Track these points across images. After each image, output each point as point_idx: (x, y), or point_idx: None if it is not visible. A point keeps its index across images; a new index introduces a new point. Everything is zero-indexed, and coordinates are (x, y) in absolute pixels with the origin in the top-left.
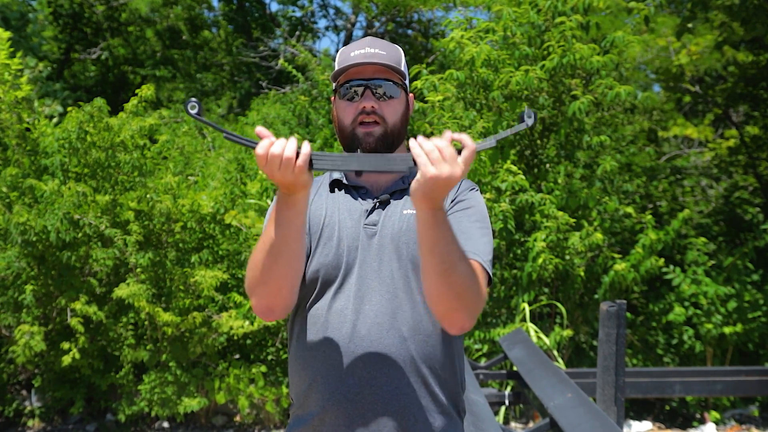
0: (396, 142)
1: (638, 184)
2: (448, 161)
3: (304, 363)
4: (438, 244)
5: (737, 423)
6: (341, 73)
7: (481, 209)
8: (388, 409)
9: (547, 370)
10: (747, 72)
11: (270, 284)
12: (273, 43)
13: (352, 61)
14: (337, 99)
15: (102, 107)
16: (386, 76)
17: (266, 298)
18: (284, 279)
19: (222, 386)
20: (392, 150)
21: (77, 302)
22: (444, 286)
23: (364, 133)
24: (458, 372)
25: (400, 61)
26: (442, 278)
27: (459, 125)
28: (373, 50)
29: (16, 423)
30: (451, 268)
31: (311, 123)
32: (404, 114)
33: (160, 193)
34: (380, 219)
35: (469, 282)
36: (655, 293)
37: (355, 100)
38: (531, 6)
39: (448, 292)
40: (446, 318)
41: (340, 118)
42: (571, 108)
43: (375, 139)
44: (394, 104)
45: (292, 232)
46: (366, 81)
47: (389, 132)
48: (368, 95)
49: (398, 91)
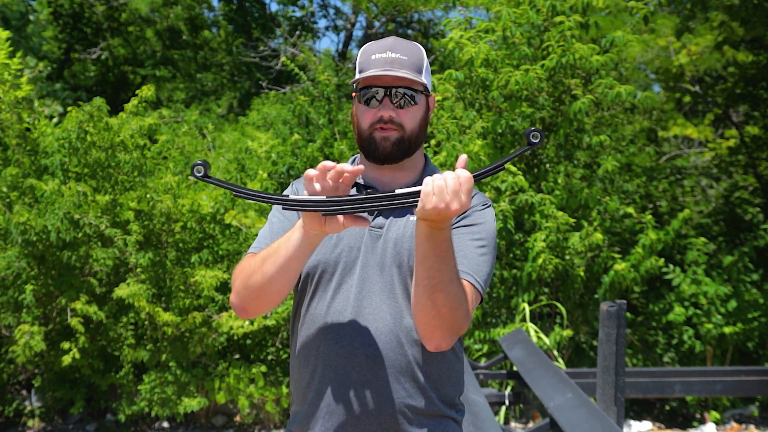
0: (413, 146)
1: (638, 184)
2: (450, 194)
3: (304, 361)
4: (429, 257)
5: (737, 423)
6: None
7: (488, 227)
8: (384, 412)
9: (547, 370)
10: (747, 72)
11: (255, 295)
12: (273, 43)
13: (373, 66)
14: (357, 102)
15: (101, 106)
16: (406, 84)
17: (246, 301)
18: (268, 296)
19: (222, 386)
20: (409, 154)
21: (77, 302)
22: (428, 300)
23: (381, 138)
24: (457, 375)
25: (421, 64)
26: (427, 292)
27: (459, 125)
28: (395, 55)
29: (16, 423)
30: (439, 285)
31: (311, 123)
32: (423, 118)
33: (160, 193)
34: (386, 222)
35: (454, 304)
36: (655, 293)
37: (374, 106)
38: (530, 6)
39: (431, 308)
40: (424, 333)
41: (359, 122)
42: (572, 108)
43: (391, 144)
44: (413, 111)
45: (299, 264)
46: (386, 87)
47: (406, 138)
48: (387, 103)
49: (418, 97)
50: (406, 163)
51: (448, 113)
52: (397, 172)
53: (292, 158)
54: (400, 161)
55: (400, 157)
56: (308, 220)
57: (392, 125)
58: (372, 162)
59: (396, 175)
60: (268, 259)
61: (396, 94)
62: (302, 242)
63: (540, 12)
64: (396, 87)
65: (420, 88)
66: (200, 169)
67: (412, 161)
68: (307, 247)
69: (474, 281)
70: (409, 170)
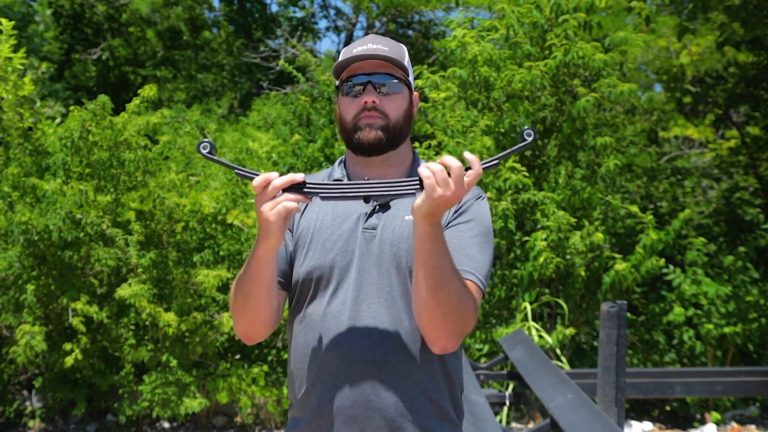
0: (398, 138)
1: (639, 184)
2: (455, 182)
3: (302, 367)
4: (432, 256)
5: (738, 423)
6: (343, 69)
7: (484, 221)
8: (385, 415)
9: (547, 371)
10: (747, 72)
11: (246, 320)
12: (274, 44)
13: (353, 56)
14: (340, 96)
15: (106, 104)
16: (388, 71)
17: (243, 329)
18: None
19: (224, 386)
20: (394, 146)
21: (78, 302)
22: (432, 301)
23: (366, 125)
24: (456, 377)
25: (403, 56)
26: (431, 293)
27: (461, 125)
28: (376, 46)
29: (16, 423)
30: (442, 283)
31: (312, 123)
32: (407, 111)
33: (165, 191)
34: (380, 223)
35: (458, 301)
36: (656, 293)
37: (357, 97)
38: (533, 5)
39: (435, 309)
40: (429, 335)
41: (343, 115)
42: (576, 106)
43: (376, 131)
44: (396, 99)
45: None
46: (367, 76)
47: (391, 127)
48: (370, 90)
49: (401, 87)
50: (392, 158)
51: (449, 112)
52: (385, 168)
53: (292, 158)
54: (386, 152)
55: (385, 146)
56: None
57: (376, 112)
58: (359, 155)
59: (384, 171)
60: (240, 279)
61: (378, 80)
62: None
63: (543, 11)
64: (378, 73)
65: (401, 76)
66: (206, 146)
67: (398, 156)
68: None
69: (477, 280)
70: (396, 166)
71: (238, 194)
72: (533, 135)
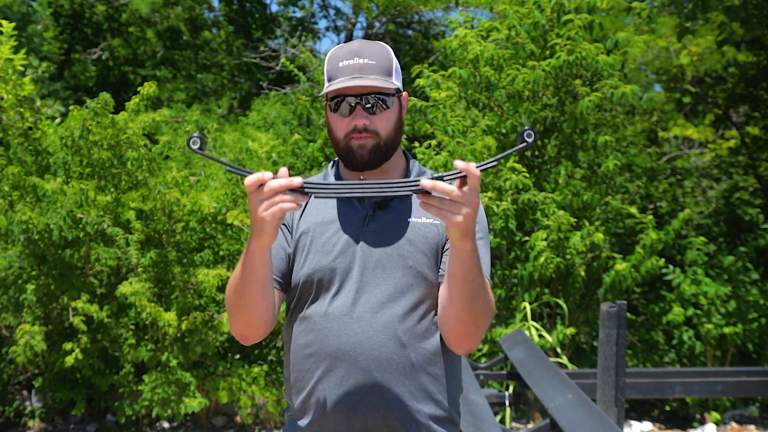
0: (390, 150)
1: (639, 185)
2: (464, 201)
3: (303, 368)
4: (472, 271)
5: (737, 424)
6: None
7: (482, 219)
8: (389, 416)
9: (547, 371)
10: (747, 72)
11: (242, 319)
12: (273, 44)
13: (341, 74)
14: (329, 111)
15: (108, 101)
16: (377, 91)
17: (239, 329)
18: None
19: (224, 386)
20: (387, 159)
21: (78, 301)
22: (466, 312)
23: (358, 146)
24: (457, 377)
25: (391, 66)
26: (467, 305)
27: (461, 124)
28: (363, 61)
29: (16, 423)
30: (477, 295)
31: (312, 123)
32: (398, 120)
33: (166, 188)
34: (382, 225)
35: (486, 308)
36: (656, 293)
37: (347, 115)
38: (535, 5)
39: (468, 318)
40: (458, 341)
41: (333, 130)
42: (579, 106)
43: (368, 151)
44: (386, 115)
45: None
46: (357, 96)
47: (383, 144)
48: (359, 111)
49: (390, 101)
50: (385, 167)
51: (450, 112)
52: (378, 176)
53: (292, 158)
54: (380, 166)
55: (378, 163)
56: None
57: (367, 133)
58: (351, 171)
59: (378, 177)
60: (234, 278)
61: (367, 101)
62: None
63: (544, 12)
64: (367, 95)
65: (391, 92)
66: (196, 141)
67: (391, 164)
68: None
69: (488, 280)
70: (389, 173)
71: (238, 194)
72: (533, 136)
